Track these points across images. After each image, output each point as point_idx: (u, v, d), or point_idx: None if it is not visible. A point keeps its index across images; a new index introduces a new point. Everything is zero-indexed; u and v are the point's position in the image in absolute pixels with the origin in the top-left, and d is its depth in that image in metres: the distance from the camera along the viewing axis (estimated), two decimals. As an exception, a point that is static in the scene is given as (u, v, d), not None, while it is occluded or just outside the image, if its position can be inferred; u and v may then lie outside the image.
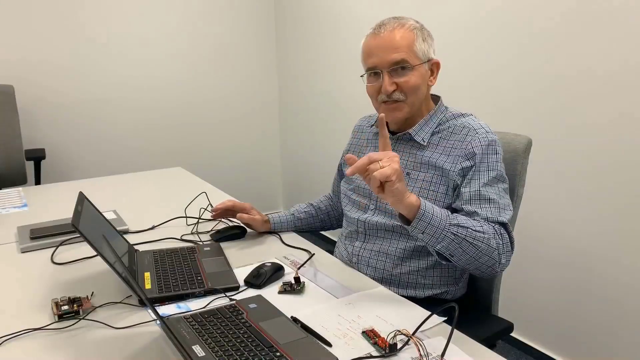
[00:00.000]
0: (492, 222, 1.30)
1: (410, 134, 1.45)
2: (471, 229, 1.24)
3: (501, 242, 1.28)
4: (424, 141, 1.44)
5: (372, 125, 1.61)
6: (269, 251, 1.56)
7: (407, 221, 1.21)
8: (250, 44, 3.87)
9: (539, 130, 2.18)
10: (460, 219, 1.25)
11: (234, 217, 1.69)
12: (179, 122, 3.71)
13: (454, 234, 1.22)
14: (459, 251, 1.24)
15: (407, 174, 1.44)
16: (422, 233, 1.21)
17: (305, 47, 3.65)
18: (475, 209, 1.32)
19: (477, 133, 1.38)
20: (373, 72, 1.42)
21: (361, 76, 1.47)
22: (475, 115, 1.48)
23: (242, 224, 1.68)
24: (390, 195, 1.14)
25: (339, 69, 3.31)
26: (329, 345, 1.04)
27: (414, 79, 1.39)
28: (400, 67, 1.38)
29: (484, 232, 1.25)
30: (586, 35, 1.98)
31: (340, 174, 1.75)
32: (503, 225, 1.32)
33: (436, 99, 1.50)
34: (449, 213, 1.25)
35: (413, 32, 1.39)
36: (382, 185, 1.12)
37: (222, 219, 1.77)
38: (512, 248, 1.33)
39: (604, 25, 1.93)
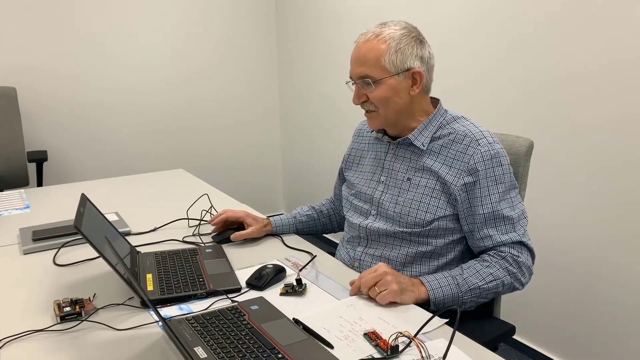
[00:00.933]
0: (507, 244, 1.34)
1: (409, 139, 1.45)
2: (483, 285, 1.30)
3: (516, 269, 1.33)
4: (423, 146, 1.43)
5: (372, 130, 1.60)
6: (271, 253, 1.56)
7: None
8: (251, 46, 3.87)
9: (540, 133, 2.18)
10: (469, 278, 1.30)
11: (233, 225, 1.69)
12: (180, 124, 3.71)
13: (470, 298, 1.30)
14: (481, 302, 1.35)
15: (408, 179, 1.44)
16: (442, 309, 1.29)
17: (306, 50, 3.65)
18: (491, 233, 1.35)
19: (479, 144, 1.37)
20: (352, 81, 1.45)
21: (346, 83, 1.48)
22: (475, 118, 1.47)
23: (245, 224, 1.67)
24: (402, 303, 1.22)
25: (340, 71, 3.31)
26: (331, 347, 1.04)
27: (378, 93, 1.38)
28: (365, 81, 1.39)
29: (496, 280, 1.31)
30: (588, 34, 1.98)
31: (341, 178, 1.74)
32: (519, 242, 1.35)
33: (435, 102, 1.49)
34: (457, 280, 1.29)
35: (386, 43, 1.36)
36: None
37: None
38: (533, 257, 1.39)
39: (606, 23, 1.93)
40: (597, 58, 1.97)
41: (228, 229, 1.67)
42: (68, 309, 1.17)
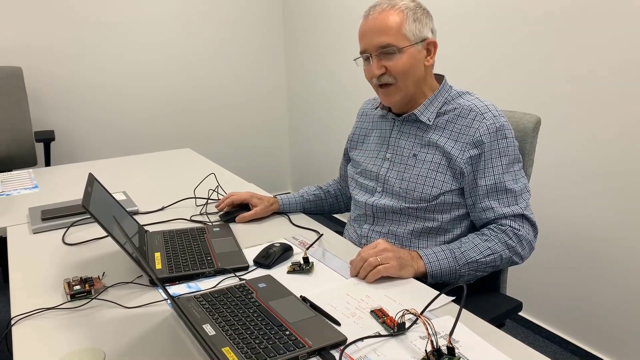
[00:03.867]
0: (509, 216, 1.34)
1: (415, 114, 1.44)
2: (480, 259, 1.31)
3: (516, 243, 1.33)
4: (429, 121, 1.43)
5: (377, 108, 1.60)
6: (278, 231, 1.57)
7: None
8: (258, 27, 3.84)
9: (548, 109, 2.16)
10: (467, 252, 1.31)
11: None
12: (187, 104, 3.70)
13: (467, 271, 1.32)
14: (479, 275, 1.36)
15: (414, 155, 1.43)
16: (440, 282, 1.30)
17: (313, 30, 3.62)
18: (493, 205, 1.35)
19: (484, 118, 1.36)
20: (365, 56, 1.42)
21: (354, 60, 1.47)
22: (483, 95, 1.46)
23: (250, 204, 1.67)
24: (401, 278, 1.24)
25: (348, 50, 3.28)
26: (338, 324, 1.05)
27: (401, 62, 1.37)
28: (387, 50, 1.37)
29: (494, 253, 1.32)
30: (598, 12, 1.95)
31: (347, 159, 1.74)
32: (521, 215, 1.35)
33: (440, 78, 1.48)
34: (454, 253, 1.30)
35: (403, 12, 1.36)
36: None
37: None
38: (535, 231, 1.38)
39: (616, 2, 1.90)
40: (607, 35, 1.94)
41: (236, 208, 1.67)
42: (78, 287, 1.19)
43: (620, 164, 1.98)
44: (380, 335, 1.00)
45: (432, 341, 0.91)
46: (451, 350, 0.91)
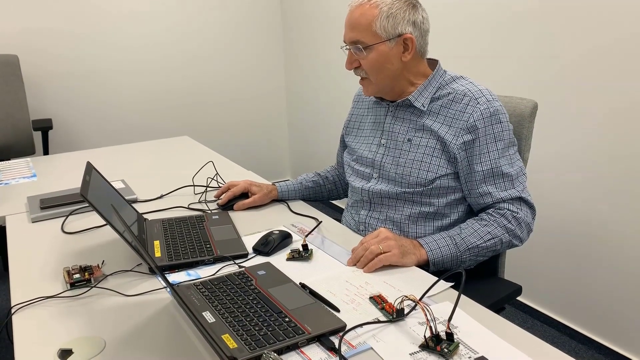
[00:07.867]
0: (507, 200, 1.35)
1: (409, 100, 1.43)
2: (481, 244, 1.32)
3: (514, 226, 1.34)
4: (423, 107, 1.42)
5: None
6: (277, 219, 1.57)
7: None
8: (257, 16, 3.82)
9: (545, 94, 2.15)
10: (467, 238, 1.31)
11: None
12: (186, 92, 3.69)
13: (469, 257, 1.32)
14: (480, 260, 1.37)
15: (409, 139, 1.43)
16: (442, 269, 1.30)
17: (311, 18, 3.60)
18: (490, 190, 1.36)
19: (478, 103, 1.35)
20: (345, 47, 1.44)
21: (341, 48, 1.47)
22: (480, 80, 1.45)
23: (249, 192, 1.67)
24: (404, 266, 1.25)
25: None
26: (337, 310, 1.05)
27: (370, 59, 1.38)
28: (357, 46, 1.38)
29: (494, 238, 1.32)
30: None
31: (343, 145, 1.74)
32: (518, 198, 1.35)
33: (433, 63, 1.47)
34: (455, 240, 1.31)
35: (378, 7, 1.34)
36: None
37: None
38: (533, 213, 1.39)
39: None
40: (603, 21, 1.93)
41: (234, 196, 1.67)
42: (77, 275, 1.19)
43: (618, 148, 1.98)
44: (379, 322, 1.01)
45: (430, 327, 0.92)
46: (450, 335, 0.92)
